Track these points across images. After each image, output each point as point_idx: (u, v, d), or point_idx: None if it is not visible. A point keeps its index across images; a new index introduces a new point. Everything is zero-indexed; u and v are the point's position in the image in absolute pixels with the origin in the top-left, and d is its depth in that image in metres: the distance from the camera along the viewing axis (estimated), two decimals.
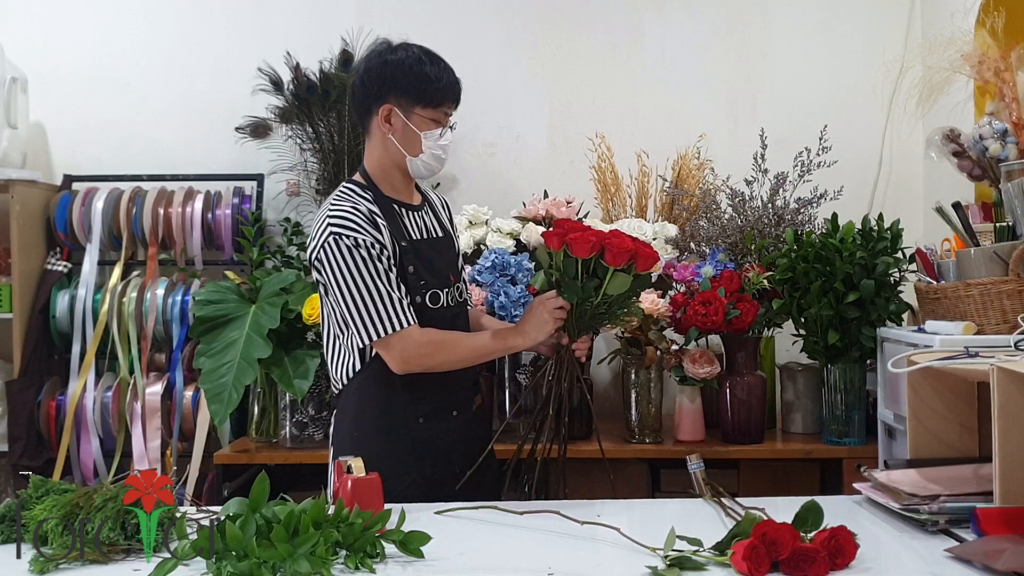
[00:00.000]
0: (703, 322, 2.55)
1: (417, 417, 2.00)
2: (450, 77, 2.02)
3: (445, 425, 2.03)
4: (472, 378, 2.16)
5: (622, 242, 1.88)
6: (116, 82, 3.41)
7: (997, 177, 2.34)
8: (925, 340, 2.08)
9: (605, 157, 3.11)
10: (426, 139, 2.00)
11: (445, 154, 2.03)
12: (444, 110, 2.02)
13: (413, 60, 1.98)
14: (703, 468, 1.85)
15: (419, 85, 1.97)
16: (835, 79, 3.31)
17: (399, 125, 2.00)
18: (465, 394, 2.11)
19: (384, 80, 1.99)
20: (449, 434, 2.03)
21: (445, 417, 2.04)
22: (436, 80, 1.98)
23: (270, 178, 3.32)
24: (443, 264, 2.08)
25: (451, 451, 2.03)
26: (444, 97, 2.00)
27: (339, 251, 1.90)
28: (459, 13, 3.40)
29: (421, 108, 1.99)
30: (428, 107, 1.99)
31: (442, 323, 2.02)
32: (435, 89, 1.98)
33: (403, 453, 1.99)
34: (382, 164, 2.05)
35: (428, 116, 1.99)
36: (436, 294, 2.02)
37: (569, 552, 1.51)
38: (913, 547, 1.51)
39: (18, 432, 3.09)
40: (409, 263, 1.98)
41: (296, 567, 1.33)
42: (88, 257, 3.20)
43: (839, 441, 2.63)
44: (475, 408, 2.14)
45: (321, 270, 1.95)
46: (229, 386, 2.59)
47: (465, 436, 2.07)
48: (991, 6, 2.56)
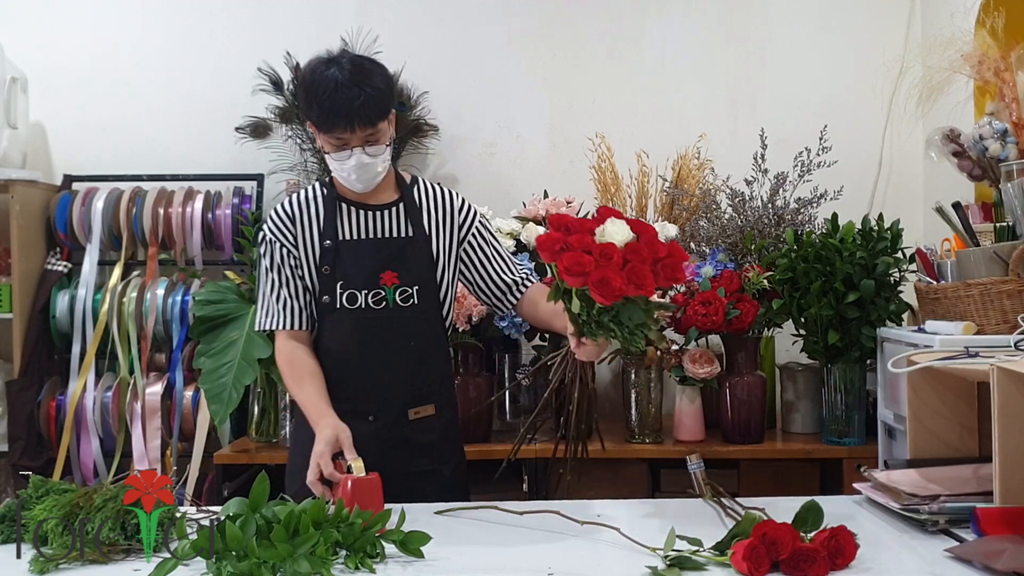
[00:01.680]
0: (703, 322, 2.55)
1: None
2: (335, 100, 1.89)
3: (359, 426, 1.91)
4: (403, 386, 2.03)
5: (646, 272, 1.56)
6: (116, 82, 3.41)
7: (997, 177, 2.34)
8: (925, 340, 2.08)
9: (605, 157, 3.11)
10: (330, 159, 1.98)
11: (355, 175, 1.96)
12: (337, 135, 1.93)
13: (308, 83, 1.94)
14: (703, 468, 1.85)
15: (310, 109, 1.94)
16: (835, 79, 3.31)
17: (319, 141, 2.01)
18: (387, 401, 2.02)
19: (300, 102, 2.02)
20: (362, 437, 1.89)
21: (360, 419, 1.96)
22: (320, 104, 1.90)
23: (270, 178, 3.32)
24: (374, 265, 2.00)
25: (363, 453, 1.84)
26: (331, 123, 1.92)
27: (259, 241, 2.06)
28: (459, 13, 3.39)
29: (321, 131, 1.96)
30: (322, 132, 1.95)
31: (365, 323, 1.99)
32: (319, 113, 1.92)
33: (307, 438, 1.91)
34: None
35: (326, 140, 1.96)
36: (354, 295, 1.99)
37: (569, 552, 1.51)
38: (913, 547, 1.51)
39: (18, 432, 3.09)
40: (327, 263, 2.00)
41: (296, 567, 1.33)
42: (88, 257, 3.20)
43: (839, 441, 2.63)
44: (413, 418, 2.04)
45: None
46: (229, 386, 2.59)
47: (383, 441, 1.99)
48: (991, 6, 2.56)
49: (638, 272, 1.56)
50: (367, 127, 1.91)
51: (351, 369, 2.01)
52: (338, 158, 1.95)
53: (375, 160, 1.95)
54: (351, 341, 2.00)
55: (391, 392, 2.03)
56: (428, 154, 3.33)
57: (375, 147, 1.94)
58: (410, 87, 3.24)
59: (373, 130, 1.93)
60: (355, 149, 1.93)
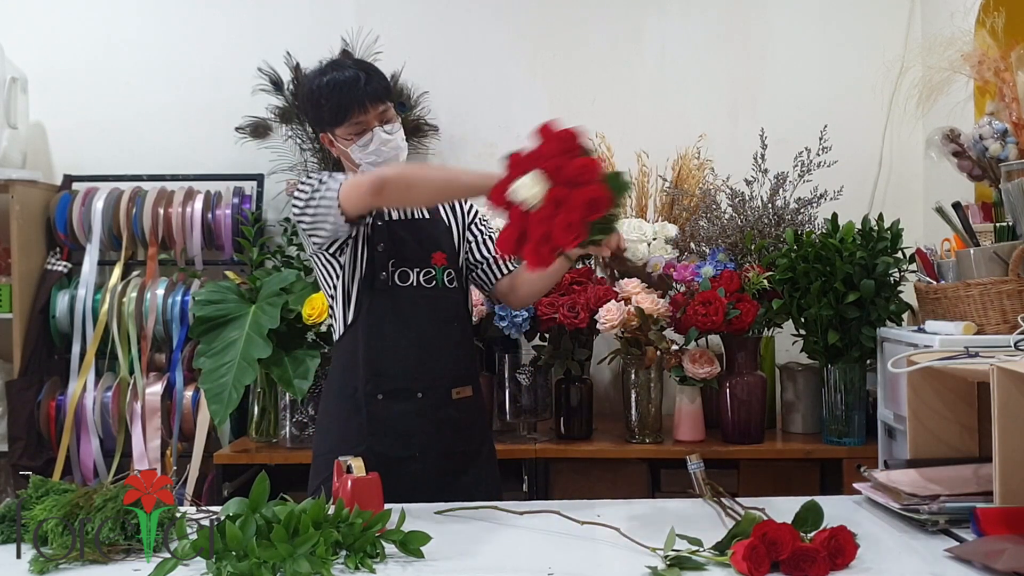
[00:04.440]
0: (703, 322, 2.55)
1: (376, 394, 2.02)
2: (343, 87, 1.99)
3: (406, 406, 2.02)
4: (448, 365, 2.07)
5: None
6: (116, 82, 3.41)
7: (997, 177, 2.34)
8: (925, 340, 2.08)
9: (605, 157, 3.11)
10: (354, 153, 2.03)
11: (382, 155, 2.02)
12: (354, 121, 2.00)
13: (308, 91, 2.06)
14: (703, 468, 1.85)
15: (319, 110, 2.03)
16: (835, 79, 3.31)
17: (335, 149, 2.08)
18: (435, 378, 2.06)
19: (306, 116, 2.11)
20: (408, 416, 2.01)
21: (409, 398, 2.03)
22: (329, 99, 2.00)
23: (270, 178, 3.32)
24: (423, 246, 2.07)
25: (410, 432, 2.01)
26: (344, 111, 2.00)
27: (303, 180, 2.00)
28: (459, 13, 3.40)
29: (337, 128, 2.03)
30: (337, 126, 2.03)
31: (411, 301, 2.04)
32: (331, 108, 2.00)
33: (355, 427, 2.02)
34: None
35: (344, 133, 2.02)
36: (406, 272, 2.04)
37: (569, 552, 1.51)
38: (913, 547, 1.51)
39: (18, 432, 3.09)
40: (380, 240, 2.02)
41: (296, 567, 1.33)
42: (88, 257, 3.20)
43: (839, 441, 2.63)
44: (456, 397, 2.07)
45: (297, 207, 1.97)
46: (229, 386, 2.59)
47: (431, 420, 2.03)
48: (991, 6, 2.56)
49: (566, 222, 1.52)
50: (378, 104, 2.01)
51: (402, 347, 2.03)
52: (360, 145, 2.01)
53: (394, 137, 2.04)
54: (402, 319, 2.02)
55: (438, 370, 2.07)
56: (428, 154, 3.33)
57: (391, 124, 2.03)
58: (410, 87, 3.24)
59: (384, 107, 2.03)
60: (375, 128, 2.01)
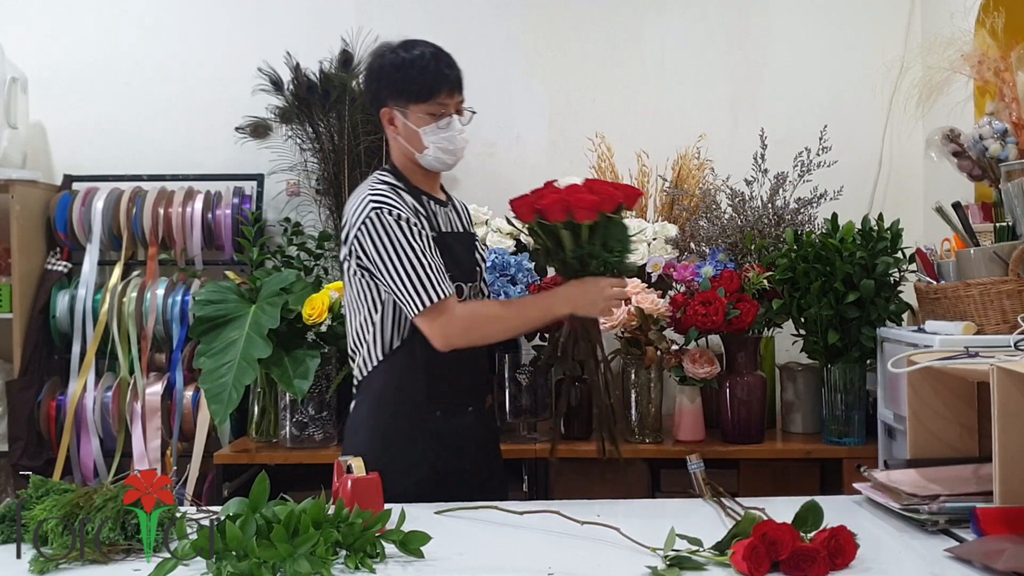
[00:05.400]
0: (703, 322, 2.55)
1: (435, 410, 2.03)
2: (437, 66, 2.03)
3: (460, 420, 2.06)
4: (486, 375, 2.19)
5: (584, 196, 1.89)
6: (116, 82, 3.41)
7: (997, 177, 2.34)
8: (925, 340, 2.08)
9: (605, 157, 3.11)
10: (426, 134, 2.02)
11: (453, 144, 2.05)
12: (439, 101, 2.02)
13: (398, 60, 2.03)
14: (703, 468, 1.85)
15: (406, 82, 2.01)
16: (835, 79, 3.31)
17: (400, 125, 2.05)
18: (480, 390, 2.15)
19: (379, 84, 2.05)
20: (463, 429, 2.06)
21: (461, 412, 2.07)
22: (421, 74, 2.01)
23: (270, 178, 3.32)
24: (468, 260, 2.12)
25: (463, 446, 2.06)
26: (434, 88, 2.02)
27: (383, 224, 1.94)
28: (459, 13, 3.39)
29: (415, 104, 2.02)
30: (420, 102, 2.02)
31: None
32: (421, 82, 2.01)
33: (419, 445, 2.01)
34: (403, 162, 2.10)
35: (423, 111, 2.02)
36: (460, 287, 2.06)
37: (569, 552, 1.51)
38: (913, 547, 1.51)
39: (18, 432, 3.09)
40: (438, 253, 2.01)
41: (296, 567, 1.33)
42: (88, 257, 3.20)
43: (839, 441, 2.63)
44: (487, 406, 2.19)
45: (362, 244, 1.96)
46: (229, 386, 2.59)
47: (477, 432, 2.11)
48: (991, 6, 2.56)
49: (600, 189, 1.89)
50: (459, 93, 2.05)
51: (457, 362, 2.03)
52: (436, 128, 2.02)
53: (464, 131, 2.06)
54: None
55: (480, 383, 2.15)
56: None
57: (463, 117, 2.06)
58: None
59: (462, 98, 2.07)
60: (453, 115, 2.03)
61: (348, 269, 2.04)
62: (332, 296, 2.69)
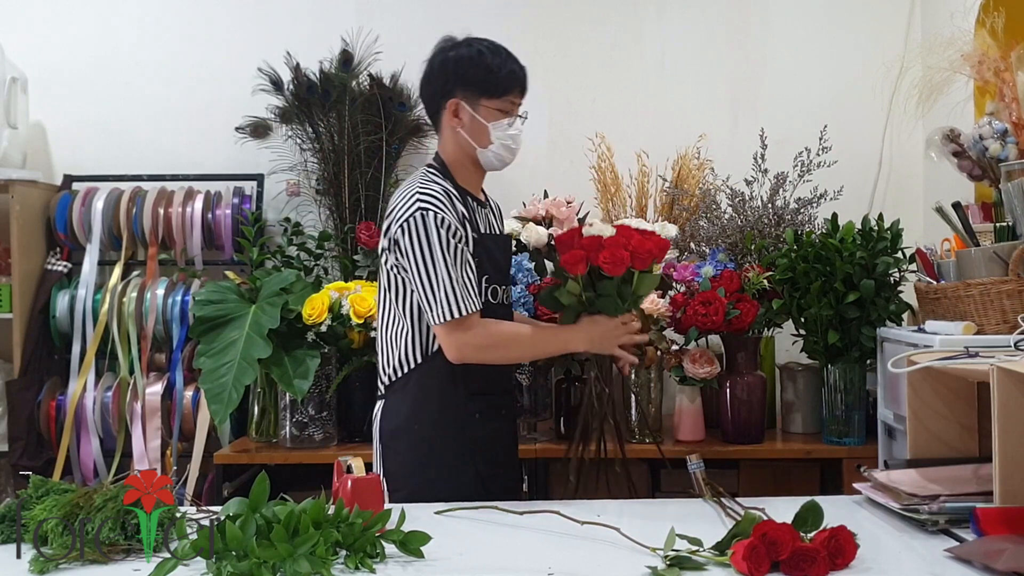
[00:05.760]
0: (703, 322, 2.55)
1: (474, 413, 2.03)
2: (513, 66, 2.06)
3: (496, 423, 2.08)
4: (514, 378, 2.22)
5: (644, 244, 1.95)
6: (116, 82, 3.41)
7: (997, 177, 2.34)
8: (925, 340, 2.08)
9: (605, 157, 3.11)
10: (494, 129, 2.04)
11: (516, 144, 2.07)
12: (510, 99, 2.05)
13: (475, 53, 2.04)
14: (703, 468, 1.85)
15: (482, 76, 2.02)
16: (835, 79, 3.31)
17: (467, 118, 2.04)
18: (511, 395, 2.18)
19: (448, 75, 2.05)
20: (498, 432, 2.08)
21: (496, 416, 2.09)
22: (498, 70, 2.03)
23: (270, 178, 3.32)
24: (503, 262, 2.13)
25: (499, 449, 2.08)
26: (508, 86, 2.04)
27: (425, 226, 1.92)
28: (459, 13, 3.39)
29: (487, 99, 2.03)
30: (493, 97, 2.03)
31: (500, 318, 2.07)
32: (498, 79, 2.03)
33: (462, 448, 2.01)
34: (456, 156, 2.09)
35: (494, 107, 2.04)
36: (496, 289, 2.07)
37: (569, 552, 1.51)
38: (913, 547, 1.51)
39: (18, 432, 3.09)
40: (476, 255, 2.01)
41: (296, 567, 1.33)
42: (88, 257, 3.20)
43: (839, 441, 2.63)
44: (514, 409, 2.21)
45: (400, 241, 1.95)
46: (229, 386, 2.59)
47: (508, 435, 2.13)
48: (991, 6, 2.56)
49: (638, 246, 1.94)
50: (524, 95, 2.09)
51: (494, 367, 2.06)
52: (501, 126, 2.03)
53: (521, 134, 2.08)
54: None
55: (511, 386, 2.18)
56: (428, 154, 3.32)
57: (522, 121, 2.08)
58: (410, 87, 3.24)
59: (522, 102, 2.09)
60: (517, 117, 2.05)
61: (385, 262, 2.03)
62: (332, 296, 2.70)
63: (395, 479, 2.01)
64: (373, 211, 3.15)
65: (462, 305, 1.91)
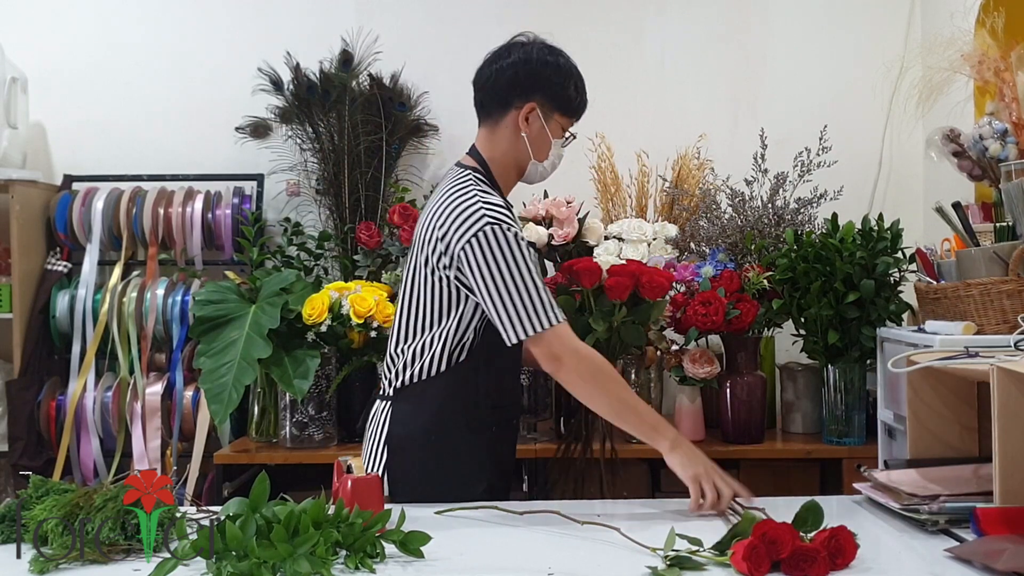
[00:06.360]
0: (703, 322, 2.55)
1: (492, 425, 2.00)
2: (585, 88, 2.06)
3: (509, 435, 2.08)
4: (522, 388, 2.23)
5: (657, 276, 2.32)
6: (116, 82, 3.41)
7: (997, 177, 2.34)
8: (925, 340, 2.08)
9: (605, 157, 3.11)
10: (555, 146, 2.03)
11: (559, 161, 2.08)
12: (575, 120, 2.06)
13: (563, 65, 2.01)
14: None
15: (568, 93, 2.01)
16: (835, 79, 3.31)
17: (536, 126, 2.00)
18: (520, 404, 2.22)
19: (539, 79, 1.99)
20: (509, 444, 2.08)
21: (509, 427, 2.08)
22: (581, 91, 2.03)
23: (270, 178, 3.32)
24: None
25: (507, 460, 2.08)
26: (581, 108, 2.06)
27: (497, 241, 1.82)
28: (459, 13, 3.39)
29: (560, 115, 2.01)
30: (567, 116, 2.03)
31: None
32: (580, 99, 2.03)
33: (479, 458, 1.97)
34: (505, 160, 2.03)
35: (564, 124, 2.04)
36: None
37: (569, 552, 1.51)
38: (913, 547, 1.51)
39: (18, 432, 3.09)
40: None
41: (296, 567, 1.33)
42: (88, 257, 3.20)
43: (839, 441, 2.63)
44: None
45: (469, 258, 1.83)
46: (229, 386, 2.59)
47: (514, 446, 2.13)
48: (991, 6, 2.56)
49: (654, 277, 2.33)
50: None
51: (510, 377, 2.05)
52: (558, 145, 2.04)
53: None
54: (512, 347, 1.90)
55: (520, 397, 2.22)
56: (428, 154, 3.33)
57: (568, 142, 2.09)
58: (410, 87, 3.24)
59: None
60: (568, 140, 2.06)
61: (432, 274, 1.92)
62: (332, 296, 2.69)
63: (400, 485, 1.94)
64: (373, 211, 3.15)
65: (552, 315, 1.84)
